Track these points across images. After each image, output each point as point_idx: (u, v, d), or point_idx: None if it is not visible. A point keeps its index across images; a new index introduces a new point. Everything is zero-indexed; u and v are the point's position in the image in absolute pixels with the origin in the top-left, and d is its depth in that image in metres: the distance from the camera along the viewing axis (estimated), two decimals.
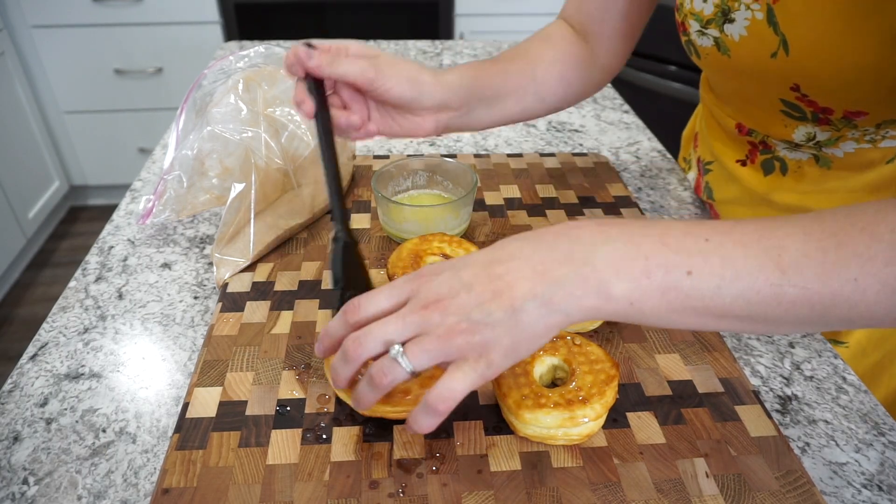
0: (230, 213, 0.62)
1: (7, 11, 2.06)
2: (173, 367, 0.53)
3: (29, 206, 2.19)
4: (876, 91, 0.52)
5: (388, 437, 0.46)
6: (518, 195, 0.76)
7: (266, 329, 0.55)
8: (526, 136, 0.94)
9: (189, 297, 0.61)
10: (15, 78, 2.10)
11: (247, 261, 0.62)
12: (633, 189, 0.81)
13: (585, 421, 0.44)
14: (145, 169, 0.83)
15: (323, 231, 0.68)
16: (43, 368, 0.53)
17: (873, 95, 0.53)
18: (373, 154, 0.87)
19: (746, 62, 0.59)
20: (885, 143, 0.58)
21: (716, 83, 0.70)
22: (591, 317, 0.39)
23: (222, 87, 0.65)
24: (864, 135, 0.58)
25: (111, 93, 2.27)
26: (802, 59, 0.54)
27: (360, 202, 0.74)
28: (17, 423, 0.48)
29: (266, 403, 0.48)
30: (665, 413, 0.48)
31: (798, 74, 0.55)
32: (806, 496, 0.43)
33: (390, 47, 1.31)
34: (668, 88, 1.97)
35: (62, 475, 0.44)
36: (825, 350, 0.57)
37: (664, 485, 0.43)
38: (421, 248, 0.60)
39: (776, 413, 0.50)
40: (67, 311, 0.59)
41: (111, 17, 2.12)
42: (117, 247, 0.68)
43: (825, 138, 0.60)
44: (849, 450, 0.48)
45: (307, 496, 0.42)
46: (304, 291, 0.60)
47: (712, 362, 0.53)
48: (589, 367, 0.47)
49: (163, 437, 0.47)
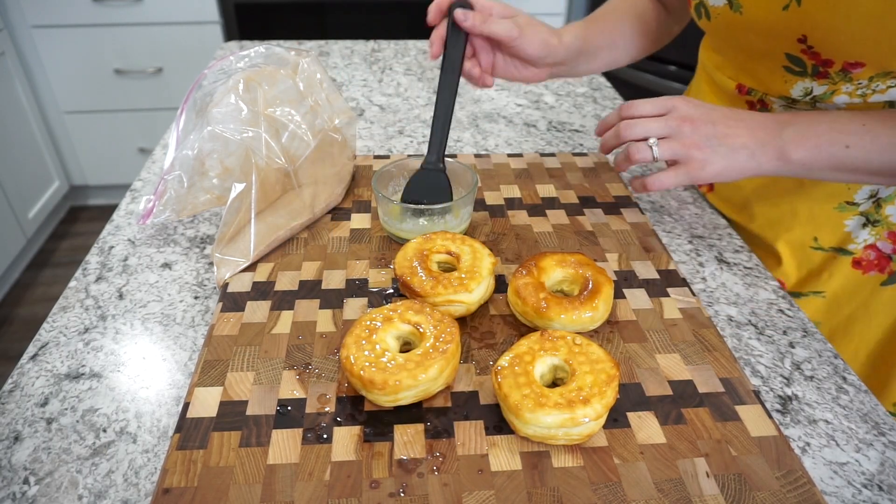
0: (230, 213, 0.62)
1: (7, 11, 2.06)
2: (174, 366, 0.53)
3: (29, 206, 2.19)
4: (878, 40, 0.56)
5: (389, 437, 0.46)
6: (518, 195, 0.76)
7: (266, 329, 0.55)
8: (526, 136, 0.94)
9: (189, 296, 0.61)
10: (15, 78, 2.10)
11: (247, 261, 0.62)
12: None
13: (586, 421, 0.44)
14: (145, 169, 0.83)
15: (323, 231, 0.68)
16: (43, 368, 0.53)
17: (875, 45, 0.57)
18: (373, 154, 0.87)
19: (758, 16, 0.63)
20: (874, 98, 0.62)
21: (721, 44, 0.75)
22: (774, 171, 0.61)
23: (222, 87, 0.65)
24: (857, 88, 0.62)
25: (111, 93, 2.27)
26: (813, 10, 0.58)
27: (360, 202, 0.74)
28: (18, 422, 0.48)
29: (266, 403, 0.48)
30: (665, 413, 0.48)
31: (807, 25, 0.59)
32: (806, 496, 0.43)
33: (390, 47, 1.31)
34: (667, 88, 1.97)
35: (63, 475, 0.44)
36: (825, 350, 0.57)
37: (665, 484, 0.43)
38: (426, 247, 0.60)
39: (776, 413, 0.50)
40: (68, 311, 0.59)
41: (111, 17, 2.12)
42: (118, 247, 0.68)
43: (821, 93, 0.64)
44: (849, 449, 0.48)
45: (308, 496, 0.42)
46: (304, 291, 0.60)
47: (713, 362, 0.53)
48: (589, 367, 0.47)
49: (163, 437, 0.47)
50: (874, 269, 0.70)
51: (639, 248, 0.67)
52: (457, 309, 0.55)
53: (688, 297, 0.60)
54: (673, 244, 0.71)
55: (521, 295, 0.55)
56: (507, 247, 0.67)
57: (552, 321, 0.54)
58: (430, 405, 0.49)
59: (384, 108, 1.02)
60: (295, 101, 0.69)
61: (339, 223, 0.70)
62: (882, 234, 0.68)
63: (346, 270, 0.63)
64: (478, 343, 0.55)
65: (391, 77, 1.14)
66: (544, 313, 0.54)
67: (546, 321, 0.54)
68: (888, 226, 0.68)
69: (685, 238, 0.72)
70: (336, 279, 0.61)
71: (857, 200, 0.68)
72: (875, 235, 0.68)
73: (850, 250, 0.70)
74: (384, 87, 1.10)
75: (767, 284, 0.65)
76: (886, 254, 0.69)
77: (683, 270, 0.66)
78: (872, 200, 0.67)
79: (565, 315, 0.54)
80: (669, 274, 0.64)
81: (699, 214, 0.76)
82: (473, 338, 0.55)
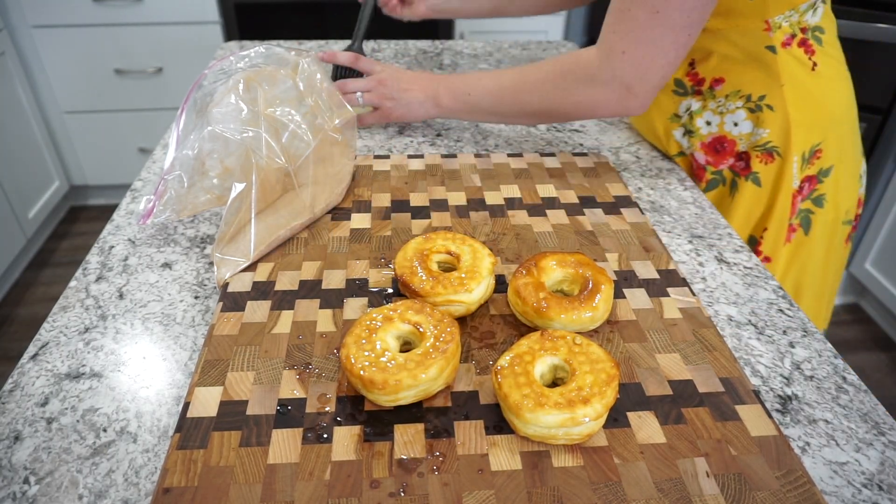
0: (231, 213, 0.62)
1: (7, 11, 2.06)
2: (174, 366, 0.53)
3: (29, 206, 2.19)
4: None
5: (389, 437, 0.46)
6: (518, 195, 0.76)
7: (266, 329, 0.55)
8: (526, 137, 0.94)
9: (189, 296, 0.61)
10: (15, 78, 2.10)
11: (247, 261, 0.62)
12: (634, 189, 0.81)
13: (586, 420, 0.44)
14: (145, 169, 0.84)
15: (323, 231, 0.68)
16: (44, 368, 0.53)
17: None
18: (373, 154, 0.87)
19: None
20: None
21: None
22: (432, 113, 0.86)
23: (223, 87, 0.65)
24: None
25: (111, 93, 2.27)
26: None
27: (360, 202, 0.74)
28: (18, 422, 0.48)
29: (267, 403, 0.48)
30: (665, 413, 0.48)
31: None
32: (806, 496, 0.43)
33: (390, 47, 1.31)
34: None
35: (63, 475, 0.44)
36: (825, 350, 0.57)
37: (665, 484, 0.43)
38: (426, 247, 0.60)
39: (776, 413, 0.51)
40: (68, 311, 0.59)
41: (111, 17, 2.12)
42: (118, 246, 0.68)
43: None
44: (849, 449, 0.48)
45: (308, 496, 0.42)
46: (304, 291, 0.60)
47: (712, 362, 0.53)
48: (589, 367, 0.47)
49: (163, 437, 0.47)
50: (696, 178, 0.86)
51: (639, 248, 0.67)
52: (457, 309, 0.55)
53: (688, 297, 0.60)
54: (673, 244, 0.71)
55: (521, 295, 0.55)
56: (507, 247, 0.67)
57: (552, 321, 0.54)
58: (430, 405, 0.49)
59: None
60: (295, 101, 0.69)
61: (339, 223, 0.70)
62: (696, 146, 0.82)
63: (346, 270, 0.63)
64: (478, 343, 0.55)
65: None
66: (544, 313, 0.54)
67: (546, 321, 0.54)
68: (699, 137, 0.81)
69: (685, 238, 0.72)
70: (336, 279, 0.61)
71: (679, 113, 0.83)
72: (691, 147, 0.84)
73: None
74: None
75: (767, 284, 0.65)
76: (702, 164, 0.84)
77: (683, 270, 0.66)
78: (687, 114, 0.81)
79: (565, 315, 0.54)
80: (669, 274, 0.64)
81: (699, 214, 0.76)
82: (473, 338, 0.55)
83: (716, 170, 0.83)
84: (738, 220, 0.83)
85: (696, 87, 0.80)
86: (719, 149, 0.81)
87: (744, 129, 0.79)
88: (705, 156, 0.82)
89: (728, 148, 0.80)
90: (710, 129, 0.81)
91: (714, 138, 0.81)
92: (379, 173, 0.80)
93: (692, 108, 0.81)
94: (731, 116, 0.79)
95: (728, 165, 0.82)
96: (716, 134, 0.81)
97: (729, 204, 0.83)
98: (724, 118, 0.80)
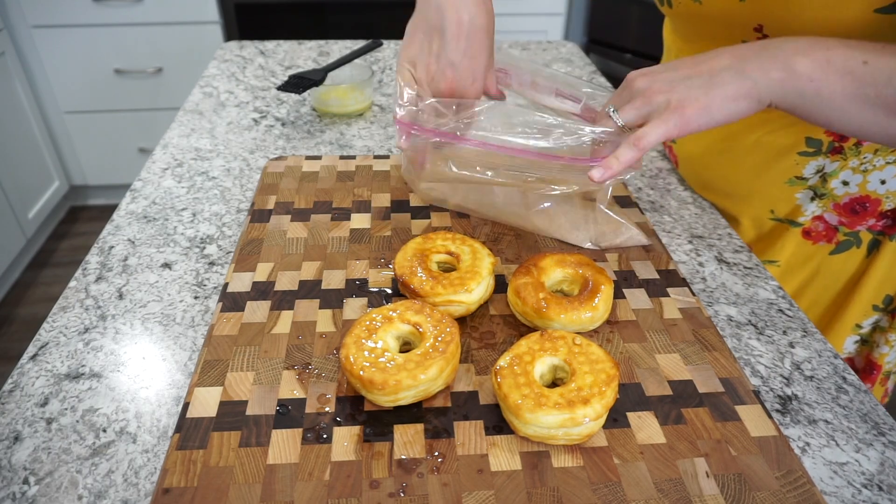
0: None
1: (7, 11, 2.05)
2: (173, 366, 0.53)
3: (29, 206, 2.19)
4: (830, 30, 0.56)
5: (389, 437, 0.46)
6: None
7: (266, 329, 0.55)
8: None
9: (189, 296, 0.61)
10: (15, 78, 2.10)
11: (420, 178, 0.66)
12: (633, 189, 0.81)
13: (586, 421, 0.44)
14: (145, 169, 0.83)
15: (323, 231, 0.68)
16: (43, 368, 0.53)
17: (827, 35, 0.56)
18: (373, 154, 0.87)
19: (717, 6, 0.64)
20: None
21: (683, 30, 0.75)
22: (776, 90, 0.50)
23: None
24: None
25: (111, 93, 2.27)
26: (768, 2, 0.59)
27: (360, 202, 0.74)
28: (18, 422, 0.48)
29: (266, 403, 0.48)
30: (665, 413, 0.48)
31: (763, 15, 0.60)
32: (806, 496, 0.43)
33: (390, 47, 1.30)
34: None
35: (63, 475, 0.44)
36: (825, 350, 0.57)
37: (664, 484, 0.43)
38: (426, 247, 0.60)
39: (776, 413, 0.50)
40: (68, 311, 0.59)
41: (111, 17, 2.12)
42: (117, 247, 0.68)
43: None
44: (849, 450, 0.48)
45: (308, 496, 0.42)
46: (304, 291, 0.60)
47: (712, 362, 0.53)
48: (589, 367, 0.47)
49: (163, 437, 0.47)
50: (822, 239, 0.75)
51: (638, 248, 0.67)
52: (457, 309, 0.55)
53: (688, 297, 0.60)
54: (673, 244, 0.71)
55: (521, 295, 0.55)
56: (507, 247, 0.67)
57: (552, 321, 0.54)
58: (430, 405, 0.49)
59: (384, 108, 1.02)
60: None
61: (339, 223, 0.70)
62: (828, 206, 0.73)
63: (345, 270, 0.63)
64: (478, 343, 0.55)
65: (391, 77, 1.14)
66: (544, 313, 0.54)
67: (546, 321, 0.54)
68: (833, 198, 0.72)
69: (685, 238, 0.72)
70: (336, 279, 0.61)
71: (805, 175, 0.72)
72: (822, 207, 0.73)
73: (799, 222, 0.75)
74: (384, 87, 1.10)
75: (767, 284, 0.65)
76: (833, 225, 0.74)
77: (683, 270, 0.66)
78: (819, 175, 0.71)
79: (565, 315, 0.54)
80: (669, 274, 0.64)
81: (699, 214, 0.76)
82: (473, 338, 0.55)
83: (850, 231, 0.73)
84: (874, 281, 0.74)
85: (837, 143, 0.68)
86: (858, 209, 0.71)
87: (892, 187, 0.70)
88: (838, 217, 0.73)
89: (870, 208, 0.71)
90: (846, 189, 0.70)
91: (852, 199, 0.71)
92: (379, 173, 0.80)
93: (826, 169, 0.70)
94: (877, 174, 0.69)
95: (867, 226, 0.72)
96: (855, 195, 0.71)
97: (864, 265, 0.74)
98: (868, 176, 0.70)
